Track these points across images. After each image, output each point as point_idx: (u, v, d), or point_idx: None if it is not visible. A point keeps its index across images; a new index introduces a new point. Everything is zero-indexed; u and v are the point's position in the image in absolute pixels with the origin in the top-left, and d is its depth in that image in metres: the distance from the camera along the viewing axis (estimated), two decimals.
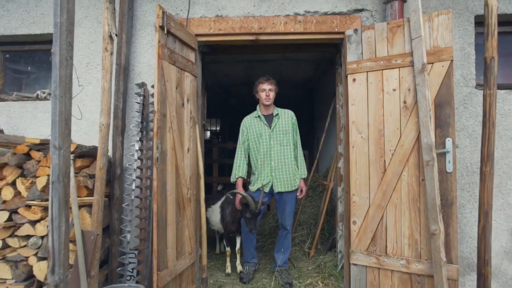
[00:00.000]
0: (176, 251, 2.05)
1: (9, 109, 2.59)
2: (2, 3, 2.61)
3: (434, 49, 2.00)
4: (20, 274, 1.94)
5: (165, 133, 1.94)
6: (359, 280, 2.22)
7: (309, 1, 2.43)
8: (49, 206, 1.51)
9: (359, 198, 2.22)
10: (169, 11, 2.44)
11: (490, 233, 1.90)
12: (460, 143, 2.31)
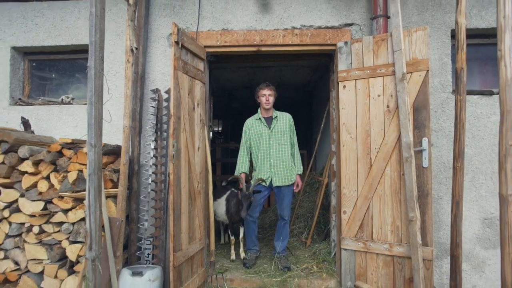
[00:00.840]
0: (188, 236, 2.35)
1: (37, 112, 2.90)
2: (31, 18, 2.92)
3: (413, 61, 2.30)
4: (54, 255, 2.24)
5: (179, 134, 2.25)
6: (349, 263, 2.52)
7: (305, 16, 2.74)
8: (86, 194, 1.81)
9: (349, 190, 2.52)
10: (180, 24, 2.76)
11: (461, 220, 2.19)
12: (438, 142, 2.61)
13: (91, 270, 1.78)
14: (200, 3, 2.76)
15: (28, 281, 2.24)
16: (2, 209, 2.30)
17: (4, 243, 2.29)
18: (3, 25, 2.93)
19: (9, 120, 2.86)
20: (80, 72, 3.16)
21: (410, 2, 2.68)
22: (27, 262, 2.27)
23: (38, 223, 2.28)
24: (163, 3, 2.83)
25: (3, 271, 2.25)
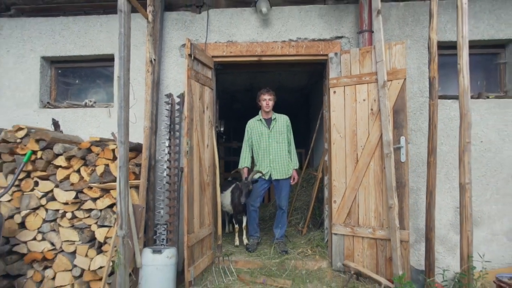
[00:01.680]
0: (199, 222, 2.73)
1: (64, 115, 3.27)
2: (58, 31, 3.30)
3: (393, 70, 2.67)
4: (85, 237, 2.62)
5: (192, 133, 2.62)
6: (339, 246, 2.89)
7: (300, 30, 3.11)
8: (117, 183, 2.19)
9: (338, 183, 2.89)
10: (190, 37, 3.14)
11: (434, 208, 2.55)
12: (417, 140, 2.98)
13: (122, 245, 2.15)
14: (208, 18, 3.14)
15: (62, 259, 2.61)
16: (40, 198, 2.68)
17: (41, 227, 2.66)
18: (34, 38, 3.32)
19: (39, 122, 3.24)
20: (100, 78, 3.54)
21: (392, 18, 3.05)
22: (61, 243, 2.64)
23: (70, 209, 2.66)
24: (175, 18, 3.20)
25: (41, 251, 2.63)
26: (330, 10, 3.10)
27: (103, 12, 3.31)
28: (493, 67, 3.17)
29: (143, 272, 2.40)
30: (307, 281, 2.76)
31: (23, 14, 3.39)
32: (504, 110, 2.93)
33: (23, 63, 3.33)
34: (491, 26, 2.97)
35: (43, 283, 2.63)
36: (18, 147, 2.70)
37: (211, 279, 2.77)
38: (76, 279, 2.61)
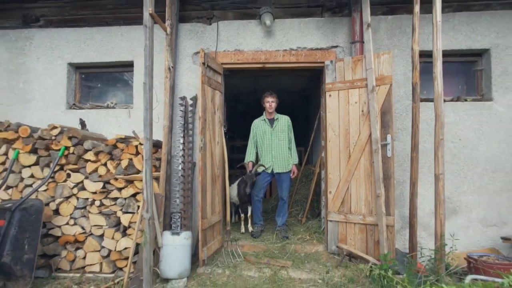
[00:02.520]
0: (211, 209, 3.11)
1: (88, 115, 3.65)
2: (84, 40, 3.68)
3: (380, 76, 3.05)
4: (111, 222, 3.00)
5: (205, 131, 3.00)
6: (333, 232, 3.26)
7: (300, 40, 3.49)
8: (143, 174, 2.57)
9: (333, 175, 3.27)
10: (202, 46, 3.53)
11: (416, 197, 2.93)
12: (403, 138, 3.35)
13: (148, 226, 2.54)
14: (218, 29, 3.52)
15: (92, 241, 3.00)
16: (72, 188, 3.07)
17: (73, 213, 3.04)
18: (61, 46, 3.70)
19: (66, 121, 3.61)
20: (119, 82, 3.92)
21: (381, 30, 3.43)
22: (91, 227, 3.03)
23: (98, 198, 3.04)
24: (188, 29, 3.59)
25: (73, 234, 3.01)
26: (326, 22, 3.49)
27: (123, 23, 3.69)
28: (471, 74, 3.55)
29: (164, 251, 2.78)
30: (306, 262, 3.14)
31: (51, 25, 3.78)
32: (480, 111, 3.31)
33: (52, 69, 3.71)
34: (469, 37, 3.35)
35: (75, 262, 3.02)
36: (53, 144, 3.09)
37: (221, 259, 3.16)
38: (104, 258, 3.00)
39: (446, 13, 3.40)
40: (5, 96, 3.73)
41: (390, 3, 3.47)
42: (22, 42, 3.75)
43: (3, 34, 3.76)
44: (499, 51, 3.31)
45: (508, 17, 3.31)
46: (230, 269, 2.97)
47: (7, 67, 3.73)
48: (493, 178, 3.28)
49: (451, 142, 3.34)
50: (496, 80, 3.31)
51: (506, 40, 3.30)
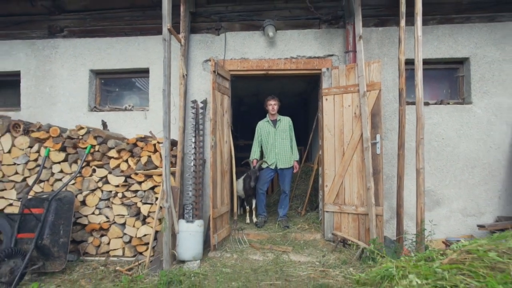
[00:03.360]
0: (220, 200, 3.50)
1: (107, 117, 4.04)
2: (104, 49, 4.07)
3: (371, 83, 3.43)
4: (132, 212, 3.39)
5: (216, 132, 3.39)
6: (329, 221, 3.65)
7: (300, 49, 3.88)
8: (163, 169, 2.96)
9: (329, 171, 3.66)
10: (211, 54, 3.91)
11: (402, 189, 3.31)
12: (392, 137, 3.73)
13: (167, 214, 2.93)
14: (226, 40, 3.91)
15: (115, 228, 3.39)
16: (97, 182, 3.46)
17: (98, 204, 3.43)
18: (84, 55, 4.10)
19: (88, 122, 4.00)
20: (135, 87, 4.31)
21: (373, 40, 3.82)
22: (114, 216, 3.42)
23: (121, 190, 3.44)
24: (199, 39, 3.98)
25: (98, 222, 3.40)
26: (323, 33, 3.87)
27: (140, 34, 4.08)
28: (453, 79, 3.93)
29: (180, 236, 3.17)
30: (305, 247, 3.53)
31: (74, 35, 4.17)
32: (461, 113, 3.70)
33: (75, 75, 4.10)
34: (451, 47, 3.74)
35: (100, 247, 3.41)
36: (80, 142, 3.48)
37: (229, 246, 3.55)
38: (126, 244, 3.39)
39: (431, 25, 3.79)
40: (33, 99, 4.12)
41: (380, 15, 3.85)
42: (49, 51, 4.14)
43: (32, 43, 4.15)
44: (478, 59, 3.69)
45: (485, 29, 3.70)
46: (238, 253, 3.36)
47: (35, 73, 4.13)
48: (472, 173, 3.66)
49: (435, 141, 3.73)
50: (475, 86, 3.70)
51: (483, 50, 3.68)
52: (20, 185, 3.50)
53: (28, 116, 4.06)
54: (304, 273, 2.92)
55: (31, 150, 3.52)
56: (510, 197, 3.60)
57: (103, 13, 4.15)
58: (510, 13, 3.70)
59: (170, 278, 2.71)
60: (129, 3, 4.11)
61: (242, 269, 3.04)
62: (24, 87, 4.15)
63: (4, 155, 3.50)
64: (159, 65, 4.01)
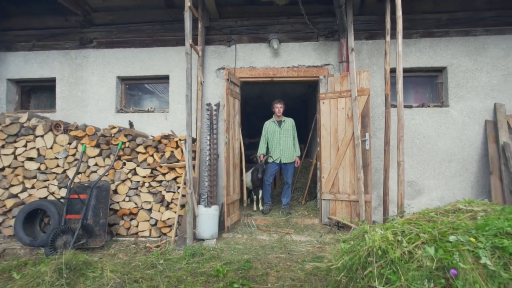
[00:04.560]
0: (232, 189, 4.09)
1: (132, 117, 4.62)
2: (129, 58, 4.66)
3: (361, 89, 4.02)
4: (157, 199, 3.97)
5: (229, 130, 3.98)
6: (326, 208, 4.24)
7: (300, 59, 4.46)
8: (186, 162, 3.55)
9: (326, 164, 4.24)
10: (223, 63, 4.50)
11: (388, 180, 3.89)
12: (379, 136, 4.31)
13: (190, 199, 3.52)
14: (236, 51, 4.50)
15: (143, 213, 3.97)
16: (127, 173, 4.04)
17: (128, 192, 4.01)
18: (111, 63, 4.68)
19: (115, 122, 4.57)
20: (155, 91, 4.90)
21: (364, 51, 4.40)
22: (141, 203, 4.00)
23: (147, 181, 4.02)
24: (212, 50, 4.56)
25: (128, 208, 3.98)
26: (321, 45, 4.46)
27: (160, 45, 4.67)
28: (434, 85, 4.51)
29: (199, 219, 3.75)
30: (304, 230, 4.12)
31: (102, 46, 4.76)
32: (439, 115, 4.28)
33: (104, 81, 4.69)
34: (431, 58, 4.32)
35: (130, 229, 3.99)
36: (112, 140, 4.06)
37: (239, 228, 4.13)
38: (152, 226, 3.97)
39: (415, 38, 4.37)
40: (67, 102, 4.71)
41: (370, 30, 4.44)
42: (80, 60, 4.73)
43: (66, 53, 4.74)
44: (454, 68, 4.28)
45: (461, 42, 4.28)
46: (247, 234, 3.95)
47: (69, 80, 4.72)
48: (449, 166, 4.25)
49: (417, 139, 4.31)
50: (452, 91, 4.28)
51: (459, 60, 4.27)
52: (61, 176, 4.08)
53: (62, 117, 4.65)
54: (304, 248, 3.51)
55: (70, 146, 4.09)
56: (481, 187, 4.18)
57: (127, 26, 4.74)
58: (482, 28, 4.29)
59: (194, 251, 3.30)
60: (150, 18, 4.69)
61: (251, 246, 3.62)
62: (59, 91, 4.74)
63: (47, 150, 4.08)
64: (177, 72, 4.60)
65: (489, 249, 1.41)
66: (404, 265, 1.50)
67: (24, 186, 4.05)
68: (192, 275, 2.87)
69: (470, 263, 1.37)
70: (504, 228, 1.47)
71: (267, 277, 2.85)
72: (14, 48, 4.84)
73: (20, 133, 4.08)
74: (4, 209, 3.99)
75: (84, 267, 2.64)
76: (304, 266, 3.04)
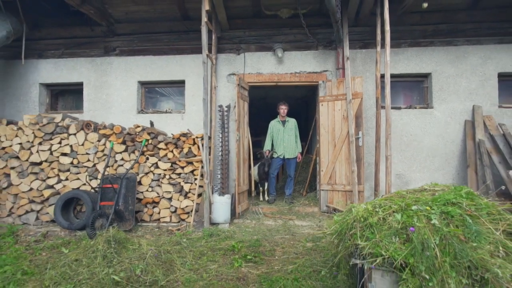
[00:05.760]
0: (242, 180, 4.66)
1: (152, 118, 5.17)
2: (149, 65, 5.22)
3: (355, 92, 4.58)
4: (177, 189, 4.54)
5: (240, 129, 4.55)
6: (324, 197, 4.81)
7: (302, 66, 5.02)
8: (203, 156, 4.11)
9: (324, 159, 4.81)
10: (233, 70, 5.06)
11: (379, 173, 4.47)
12: (371, 134, 4.87)
13: (208, 188, 4.09)
14: (245, 59, 5.06)
15: (164, 201, 4.54)
16: (150, 167, 4.61)
17: (151, 183, 4.58)
18: (133, 69, 5.25)
19: (137, 122, 5.11)
20: (171, 94, 5.46)
21: (358, 60, 4.96)
22: (163, 193, 4.57)
23: (168, 173, 4.59)
24: (224, 58, 5.12)
25: (151, 197, 4.55)
26: (320, 53, 5.02)
27: (177, 53, 5.23)
28: (420, 89, 5.08)
29: (214, 206, 4.32)
30: (305, 217, 4.69)
31: (124, 54, 5.32)
32: (424, 115, 4.84)
33: (126, 85, 5.25)
34: (417, 65, 4.88)
35: (153, 216, 4.56)
36: (137, 137, 4.63)
37: (248, 215, 4.71)
38: (172, 213, 4.54)
39: (403, 48, 4.93)
40: (93, 104, 5.28)
41: (364, 40, 4.99)
42: (105, 66, 5.30)
43: (92, 60, 5.31)
44: (437, 74, 4.84)
45: (443, 51, 4.84)
46: (255, 220, 4.52)
47: (95, 84, 5.28)
48: (433, 161, 4.81)
49: (405, 136, 4.88)
50: (436, 94, 4.84)
51: (442, 67, 4.83)
52: (91, 170, 4.65)
53: (89, 117, 5.21)
54: (305, 231, 4.08)
55: (99, 143, 4.66)
56: (461, 179, 4.75)
57: (147, 36, 5.30)
58: (463, 38, 4.84)
59: (211, 232, 3.88)
60: (167, 28, 5.25)
61: (260, 229, 4.19)
62: (86, 94, 5.30)
63: (79, 147, 4.65)
64: (192, 77, 5.16)
65: (438, 214, 1.96)
66: (379, 227, 2.07)
67: (59, 178, 4.62)
68: (212, 250, 3.44)
69: (423, 223, 1.92)
70: (450, 199, 2.03)
71: (274, 252, 3.42)
72: (45, 56, 5.41)
73: (55, 132, 4.64)
74: (42, 198, 4.56)
75: (125, 241, 3.21)
76: (305, 244, 3.62)
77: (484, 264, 1.68)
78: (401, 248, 1.90)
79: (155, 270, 2.77)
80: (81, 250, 3.00)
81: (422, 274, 1.76)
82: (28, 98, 5.36)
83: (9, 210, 4.59)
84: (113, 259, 2.86)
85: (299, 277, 2.76)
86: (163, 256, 3.06)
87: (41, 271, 2.89)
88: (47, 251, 3.51)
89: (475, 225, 1.87)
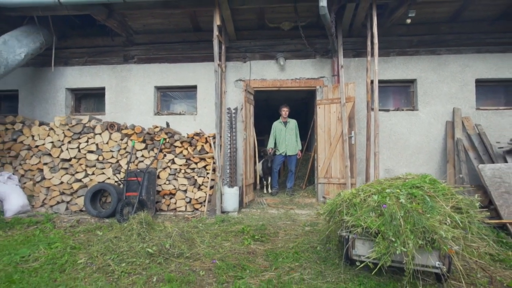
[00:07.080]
0: (249, 174, 5.27)
1: (167, 119, 5.78)
2: (164, 72, 5.83)
3: (348, 97, 5.18)
4: (191, 182, 5.15)
5: (246, 129, 5.15)
6: (321, 189, 5.41)
7: (301, 73, 5.62)
8: (215, 153, 4.72)
9: (321, 156, 5.41)
10: (239, 76, 5.67)
11: (369, 168, 5.06)
12: (363, 133, 5.46)
13: (219, 180, 4.70)
14: (250, 66, 5.66)
15: (180, 193, 5.15)
16: (167, 162, 5.22)
17: (168, 177, 5.19)
18: (150, 75, 5.85)
19: (154, 123, 5.73)
20: (184, 98, 6.07)
21: (351, 67, 5.56)
22: (179, 185, 5.18)
23: (183, 168, 5.19)
24: (231, 65, 5.72)
25: (169, 189, 5.16)
26: (317, 61, 5.62)
27: (189, 61, 5.83)
28: (407, 93, 5.67)
29: (224, 197, 4.92)
30: (305, 207, 5.29)
31: (142, 61, 5.93)
32: (410, 117, 5.44)
33: (144, 90, 5.86)
34: (404, 72, 5.48)
35: (169, 206, 5.17)
36: (155, 136, 5.24)
37: (254, 205, 5.32)
38: (187, 203, 5.15)
39: (392, 56, 5.53)
40: (114, 107, 5.89)
41: (357, 49, 5.59)
42: (125, 73, 5.90)
43: (113, 67, 5.91)
44: (422, 80, 5.44)
45: (428, 59, 5.44)
46: (260, 209, 5.13)
47: (116, 89, 5.89)
48: (418, 157, 5.41)
49: (394, 135, 5.48)
50: (420, 98, 5.44)
51: (426, 73, 5.43)
52: (115, 165, 5.26)
53: (111, 119, 5.82)
54: (304, 218, 4.69)
55: (122, 142, 5.27)
56: (443, 173, 5.34)
57: (162, 45, 5.90)
58: (445, 48, 5.44)
59: (222, 219, 4.48)
60: (181, 39, 5.85)
61: (264, 217, 4.80)
62: (107, 98, 5.91)
63: (104, 145, 5.26)
64: (203, 83, 5.76)
65: (405, 194, 2.57)
66: (360, 206, 2.67)
67: (86, 172, 5.23)
68: (224, 232, 4.05)
69: (393, 201, 2.53)
70: (415, 184, 2.64)
71: (277, 234, 4.03)
72: (70, 63, 6.01)
73: (83, 132, 5.26)
74: (71, 190, 5.17)
75: (153, 224, 3.82)
76: (304, 228, 4.23)
77: (434, 229, 2.28)
78: (376, 220, 2.51)
79: (180, 245, 3.39)
80: (118, 230, 3.61)
81: (390, 237, 2.36)
82: (56, 101, 5.97)
83: (42, 201, 5.21)
84: (145, 236, 3.47)
85: (298, 251, 3.37)
86: (186, 235, 3.67)
87: (85, 247, 3.50)
88: (84, 234, 4.12)
89: (432, 202, 2.47)
